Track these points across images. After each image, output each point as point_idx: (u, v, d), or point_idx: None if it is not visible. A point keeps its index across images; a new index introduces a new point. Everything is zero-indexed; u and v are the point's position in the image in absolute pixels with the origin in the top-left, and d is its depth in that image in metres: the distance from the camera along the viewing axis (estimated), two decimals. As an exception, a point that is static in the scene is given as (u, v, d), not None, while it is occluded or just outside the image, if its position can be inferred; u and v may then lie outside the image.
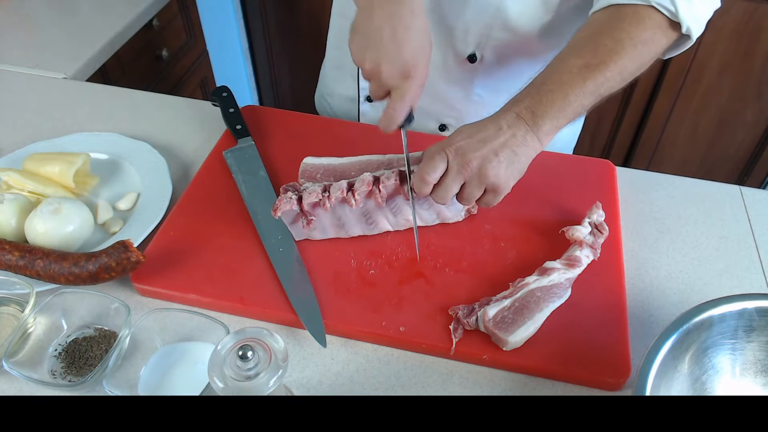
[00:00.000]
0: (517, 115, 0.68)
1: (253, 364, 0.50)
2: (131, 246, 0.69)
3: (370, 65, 0.68)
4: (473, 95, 0.96)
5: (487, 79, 0.93)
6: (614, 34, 0.69)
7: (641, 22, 0.69)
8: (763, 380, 0.63)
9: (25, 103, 1.03)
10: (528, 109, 0.67)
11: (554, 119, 0.67)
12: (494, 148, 0.67)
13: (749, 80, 1.78)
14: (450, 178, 0.68)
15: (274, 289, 0.73)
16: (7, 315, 0.71)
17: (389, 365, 0.68)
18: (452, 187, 0.68)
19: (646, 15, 0.69)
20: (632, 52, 0.68)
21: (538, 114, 0.67)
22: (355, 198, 0.74)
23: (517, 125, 0.67)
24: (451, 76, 0.94)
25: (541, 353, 0.67)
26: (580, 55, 0.68)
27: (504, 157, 0.67)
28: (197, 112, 1.01)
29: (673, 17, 0.69)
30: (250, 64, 2.24)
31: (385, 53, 0.67)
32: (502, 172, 0.67)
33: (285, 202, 0.74)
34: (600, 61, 0.67)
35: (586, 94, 0.68)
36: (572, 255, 0.74)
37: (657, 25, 0.69)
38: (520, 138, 0.67)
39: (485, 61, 0.91)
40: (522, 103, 0.68)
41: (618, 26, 0.69)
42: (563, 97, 0.67)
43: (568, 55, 0.69)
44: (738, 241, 0.83)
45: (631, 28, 0.69)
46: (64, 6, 1.44)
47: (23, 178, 0.81)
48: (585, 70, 0.67)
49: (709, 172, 2.02)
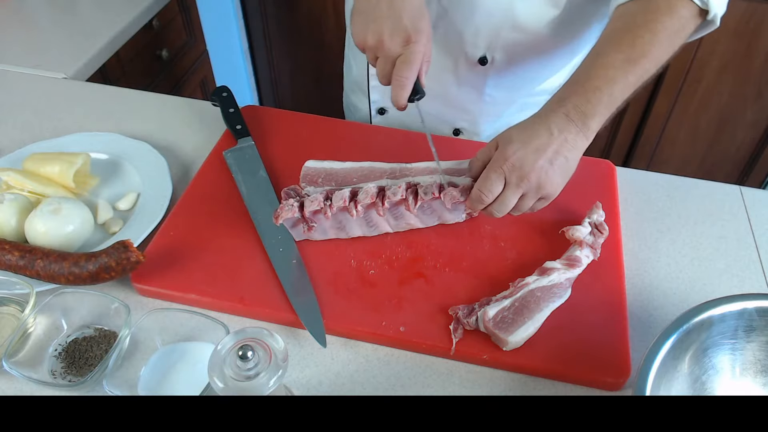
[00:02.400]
0: (566, 116, 0.66)
1: (253, 364, 0.50)
2: (131, 246, 0.69)
3: (373, 39, 0.69)
4: (485, 96, 0.95)
5: (499, 80, 0.93)
6: (650, 26, 0.69)
7: (675, 12, 0.69)
8: (763, 380, 0.63)
9: (25, 103, 1.03)
10: (577, 109, 0.66)
11: (602, 116, 0.67)
12: (549, 157, 0.65)
13: (749, 80, 1.78)
14: (509, 194, 0.67)
15: (274, 289, 0.73)
16: (7, 315, 0.71)
17: (389, 365, 0.68)
18: (511, 202, 0.68)
19: (679, 4, 0.69)
20: (667, 42, 0.69)
21: (588, 113, 0.66)
22: (357, 209, 0.75)
23: (568, 128, 0.66)
24: (463, 80, 0.94)
25: (541, 353, 0.67)
26: (620, 49, 0.68)
27: (558, 165, 0.66)
28: (197, 112, 1.01)
29: (703, 5, 0.70)
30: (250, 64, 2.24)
31: (386, 23, 0.68)
32: (557, 181, 0.67)
33: (287, 209, 0.74)
34: (640, 54, 0.67)
35: (628, 86, 0.68)
36: (572, 255, 0.74)
37: (689, 13, 0.70)
38: (571, 141, 0.66)
39: (496, 63, 0.90)
40: (570, 102, 0.67)
41: (653, 18, 0.69)
42: (609, 94, 0.67)
43: (608, 49, 0.69)
44: (738, 241, 0.83)
45: (666, 19, 0.69)
46: (64, 6, 1.44)
47: (23, 178, 0.81)
48: (627, 64, 0.67)
49: (709, 172, 2.02)
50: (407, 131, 0.97)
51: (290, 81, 2.28)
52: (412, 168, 0.82)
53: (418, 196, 0.75)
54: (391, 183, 0.78)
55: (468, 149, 0.90)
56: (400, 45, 0.69)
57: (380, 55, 0.70)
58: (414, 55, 0.69)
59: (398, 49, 0.69)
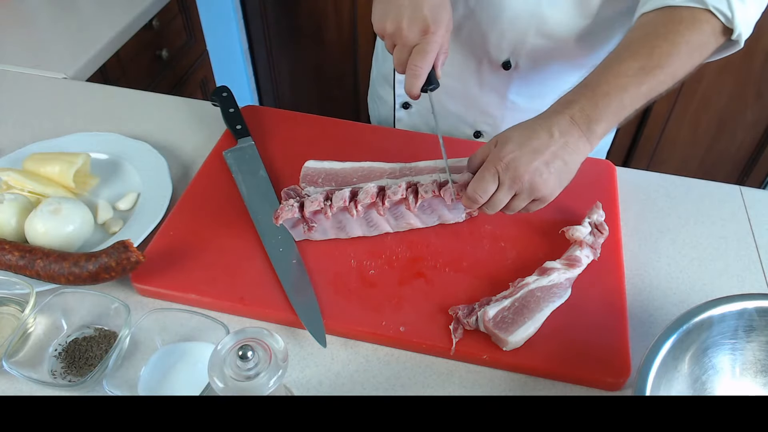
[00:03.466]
0: (571, 120, 0.65)
1: (253, 364, 0.50)
2: (131, 246, 0.69)
3: (392, 26, 0.69)
4: (508, 102, 0.95)
5: (523, 87, 0.93)
6: (670, 37, 0.67)
7: (698, 26, 0.67)
8: (763, 380, 0.63)
9: (25, 103, 1.03)
10: (583, 112, 0.65)
11: (608, 123, 0.65)
12: (546, 159, 0.64)
13: (749, 80, 1.78)
14: (501, 195, 0.67)
15: (274, 289, 0.73)
16: (7, 315, 0.71)
17: (389, 365, 0.68)
18: (502, 202, 0.67)
19: (704, 19, 0.67)
20: (686, 56, 0.67)
21: (594, 118, 0.65)
22: (357, 209, 0.75)
23: (570, 131, 0.65)
24: (486, 82, 0.94)
25: (541, 353, 0.67)
26: (636, 58, 0.66)
27: (555, 168, 0.65)
28: (197, 112, 1.01)
29: (728, 23, 0.67)
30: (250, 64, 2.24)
31: (406, 11, 0.68)
32: (552, 184, 0.66)
33: (287, 210, 0.74)
34: (656, 64, 0.66)
35: (640, 97, 0.66)
36: (572, 255, 0.74)
37: (712, 29, 0.68)
38: (572, 145, 0.65)
39: (520, 68, 0.90)
40: (577, 105, 0.65)
41: (674, 29, 0.67)
42: (619, 101, 0.65)
43: (624, 56, 0.67)
44: (738, 241, 0.83)
45: (687, 32, 0.67)
46: (64, 6, 1.44)
47: (23, 178, 0.81)
48: (641, 72, 0.65)
49: (709, 172, 2.02)
50: (408, 131, 0.97)
51: (290, 81, 2.28)
52: (413, 167, 0.82)
53: (418, 195, 0.75)
54: (391, 183, 0.79)
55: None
56: (417, 34, 0.69)
57: (398, 43, 0.70)
58: (430, 45, 0.68)
59: (416, 38, 0.69)
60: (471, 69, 0.93)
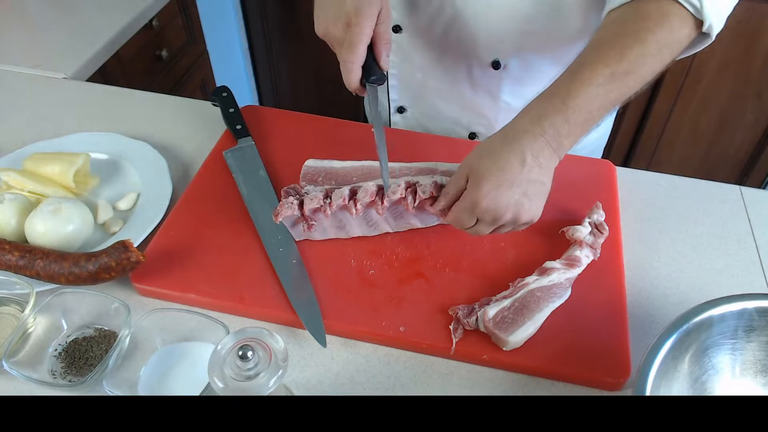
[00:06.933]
0: (542, 138, 0.64)
1: (253, 364, 0.50)
2: (131, 246, 0.69)
3: (323, 30, 0.70)
4: (501, 102, 0.95)
5: (515, 87, 0.93)
6: (640, 36, 0.65)
7: (666, 21, 0.66)
8: (763, 380, 0.63)
9: (25, 103, 1.03)
10: (554, 129, 0.64)
11: (576, 136, 0.65)
12: (523, 190, 0.64)
13: (749, 80, 1.78)
14: (482, 228, 0.68)
15: (274, 289, 0.73)
16: (7, 315, 0.71)
17: (389, 365, 0.68)
18: (485, 233, 0.69)
19: (672, 11, 0.65)
20: (657, 56, 0.66)
21: (563, 133, 0.64)
22: (356, 207, 0.74)
23: (542, 152, 0.64)
24: (477, 83, 0.94)
25: (541, 353, 0.67)
26: (606, 62, 0.64)
27: (533, 194, 0.65)
28: (197, 112, 1.01)
29: (697, 14, 0.65)
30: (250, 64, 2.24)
31: (330, 10, 0.70)
32: (534, 209, 0.66)
33: (286, 207, 0.74)
34: (626, 70, 0.64)
35: (608, 105, 0.65)
36: (572, 255, 0.74)
37: (681, 22, 0.66)
38: (545, 165, 0.64)
39: (510, 68, 0.90)
40: (547, 121, 0.64)
41: (643, 26, 0.65)
42: (588, 113, 0.64)
43: (593, 61, 0.65)
44: (738, 241, 0.83)
45: (657, 28, 0.65)
46: (64, 6, 1.44)
47: (23, 178, 0.81)
48: (611, 80, 0.64)
49: (709, 172, 2.02)
50: (408, 132, 0.97)
51: (290, 81, 2.28)
52: (413, 167, 0.82)
53: (417, 195, 0.75)
54: (391, 182, 0.78)
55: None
56: (342, 30, 0.69)
57: (332, 44, 0.71)
58: (354, 37, 0.68)
59: (341, 34, 0.69)
60: (462, 71, 0.93)
